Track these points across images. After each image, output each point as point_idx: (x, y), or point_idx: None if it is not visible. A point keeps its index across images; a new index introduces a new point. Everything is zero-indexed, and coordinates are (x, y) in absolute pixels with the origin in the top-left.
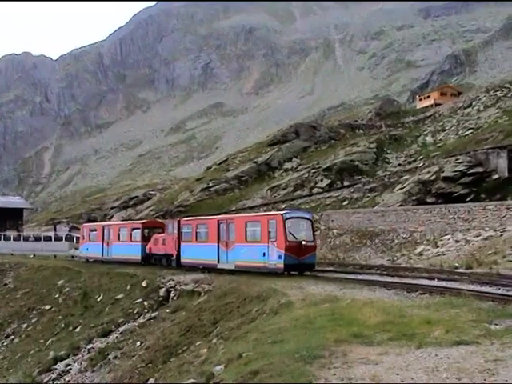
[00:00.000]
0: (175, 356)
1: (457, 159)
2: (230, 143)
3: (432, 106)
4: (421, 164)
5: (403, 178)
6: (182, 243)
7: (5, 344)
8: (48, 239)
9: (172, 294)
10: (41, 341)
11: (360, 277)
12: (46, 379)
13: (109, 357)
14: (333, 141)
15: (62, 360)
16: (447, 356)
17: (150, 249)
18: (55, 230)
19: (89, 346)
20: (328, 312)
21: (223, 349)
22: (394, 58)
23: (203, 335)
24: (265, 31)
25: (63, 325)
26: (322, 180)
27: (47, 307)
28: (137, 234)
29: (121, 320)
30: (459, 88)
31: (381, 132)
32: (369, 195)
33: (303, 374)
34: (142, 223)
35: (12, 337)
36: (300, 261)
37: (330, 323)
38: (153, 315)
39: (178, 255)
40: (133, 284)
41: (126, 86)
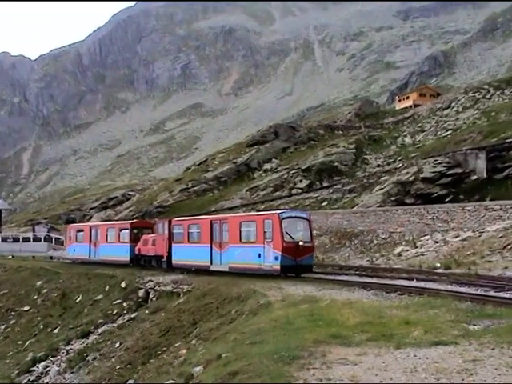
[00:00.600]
0: (154, 357)
1: (435, 160)
2: (209, 144)
3: (411, 107)
4: (400, 165)
5: (382, 179)
6: (174, 244)
7: None
8: (27, 240)
9: (151, 295)
10: (19, 342)
11: (339, 277)
12: (25, 381)
13: (88, 358)
14: (312, 141)
15: (41, 361)
16: (426, 356)
17: (140, 250)
18: (34, 231)
19: (68, 347)
20: (307, 313)
21: (202, 350)
22: (373, 59)
23: (182, 336)
24: (244, 32)
25: (42, 326)
26: (302, 181)
27: (26, 308)
28: (125, 235)
29: (100, 321)
30: (438, 89)
31: (360, 133)
32: (348, 196)
33: (282, 375)
34: (131, 223)
35: None
36: (297, 262)
37: (309, 324)
38: (132, 316)
39: (169, 256)
40: (112, 285)
41: (105, 87)
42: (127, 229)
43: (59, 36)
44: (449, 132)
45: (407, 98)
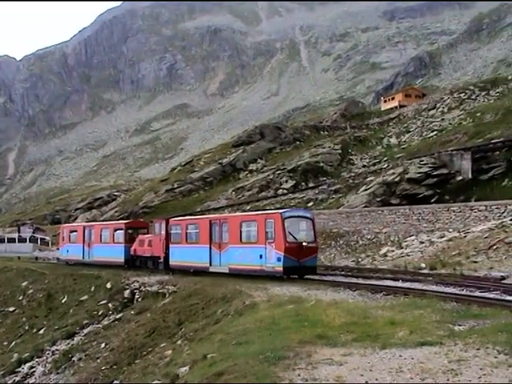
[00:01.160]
0: (140, 357)
1: (421, 161)
2: (195, 144)
3: (396, 108)
4: (385, 165)
5: (368, 180)
6: (171, 245)
7: None
8: (12, 241)
9: (137, 296)
10: (4, 343)
11: (325, 278)
12: (10, 382)
13: (73, 359)
14: (298, 142)
15: (26, 362)
16: (411, 357)
17: (135, 250)
18: (19, 232)
19: (53, 348)
20: (292, 313)
21: (188, 350)
22: (359, 60)
23: (168, 336)
24: (230, 32)
25: (27, 327)
26: (287, 181)
27: (11, 309)
28: (120, 235)
29: (85, 322)
30: (424, 90)
31: (345, 133)
32: (333, 196)
33: (268, 375)
34: (126, 223)
35: None
36: (300, 263)
37: (295, 324)
38: (117, 317)
39: (166, 257)
40: (97, 285)
41: (91, 87)
42: (122, 229)
43: (44, 36)
44: (434, 133)
45: (393, 99)
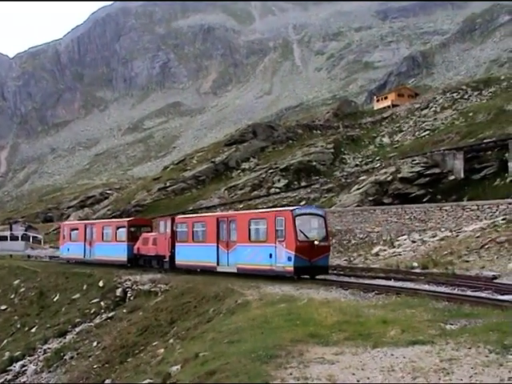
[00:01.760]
0: (132, 356)
1: (413, 160)
2: (188, 143)
3: (389, 107)
4: (378, 165)
5: (360, 179)
6: (177, 243)
7: None
8: (4, 239)
9: (129, 294)
10: None
11: (317, 277)
12: (2, 380)
13: (65, 357)
14: (290, 141)
15: (18, 361)
16: (403, 355)
17: (139, 249)
18: (11, 230)
19: (45, 347)
20: (285, 312)
21: (180, 349)
22: (352, 59)
23: (160, 335)
24: (223, 31)
25: (19, 325)
26: (280, 180)
27: (3, 307)
28: (122, 233)
29: (77, 320)
30: (416, 89)
31: (338, 133)
32: (326, 195)
33: (260, 374)
34: (128, 221)
35: None
36: (312, 263)
37: (287, 323)
38: (109, 315)
39: (172, 256)
40: (89, 284)
41: (84, 85)
42: (124, 227)
43: (37, 34)
44: (427, 132)
45: (385, 98)
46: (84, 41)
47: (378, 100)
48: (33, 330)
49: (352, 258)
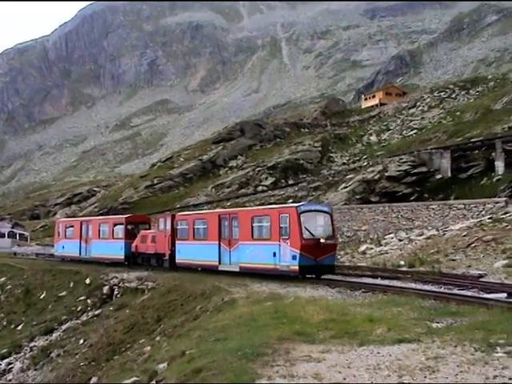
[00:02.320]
0: (118, 354)
1: (401, 159)
2: (175, 140)
3: (377, 106)
4: (365, 163)
5: (347, 177)
6: (177, 241)
7: None
8: None
9: (116, 292)
10: None
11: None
12: None
13: (51, 355)
14: (278, 139)
15: (4, 358)
16: (389, 354)
17: (137, 247)
18: None
19: (31, 344)
20: (271, 310)
21: (166, 346)
22: (340, 58)
23: (147, 333)
24: (211, 29)
25: (5, 323)
26: (267, 178)
27: None
28: (119, 230)
29: (64, 318)
30: (404, 88)
31: (326, 131)
32: (313, 194)
33: (246, 372)
34: (126, 217)
35: None
36: (318, 262)
37: (274, 321)
38: (96, 313)
39: (172, 255)
40: (76, 281)
41: (71, 82)
42: (122, 224)
43: (25, 30)
44: (414, 131)
45: (373, 97)
46: (72, 37)
47: (366, 99)
48: (19, 328)
49: (339, 256)
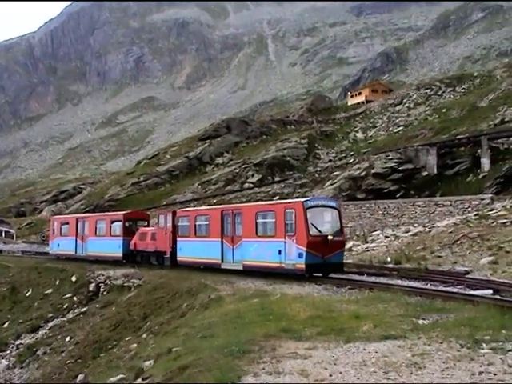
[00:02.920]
0: (105, 351)
1: (387, 156)
2: (162, 137)
3: (363, 103)
4: (351, 160)
5: (334, 174)
6: (179, 238)
7: None
8: None
9: (102, 289)
10: None
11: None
12: None
13: (38, 353)
14: (264, 136)
15: None
16: (375, 350)
17: (135, 245)
18: None
19: (17, 342)
20: (258, 307)
21: (153, 344)
22: (326, 55)
23: (133, 330)
24: (198, 26)
25: None
26: (253, 175)
27: None
28: (117, 227)
29: (50, 315)
30: (390, 85)
31: (312, 128)
32: (300, 191)
33: (232, 369)
34: (124, 214)
35: None
36: (325, 260)
37: (260, 318)
38: (82, 310)
39: (173, 253)
40: (62, 279)
41: (57, 79)
42: (120, 220)
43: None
44: (400, 128)
45: (359, 94)
46: (58, 34)
47: (352, 96)
48: (5, 326)
49: None
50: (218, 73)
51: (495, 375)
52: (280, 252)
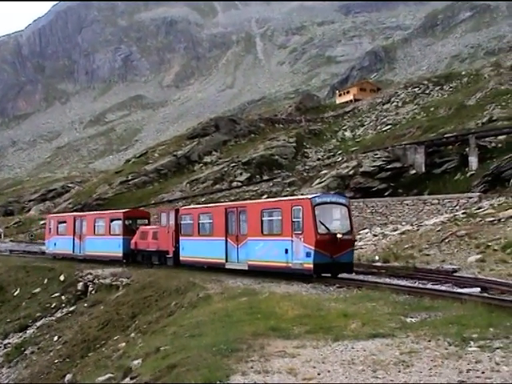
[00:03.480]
0: (93, 350)
1: (375, 154)
2: (150, 136)
3: (351, 102)
4: (339, 159)
5: (322, 173)
6: (181, 237)
7: None
8: None
9: (90, 288)
10: None
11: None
12: None
13: (25, 352)
14: (253, 135)
15: None
16: (363, 349)
17: (136, 244)
18: None
19: (5, 342)
20: (246, 305)
21: (141, 343)
22: (315, 54)
23: (121, 329)
24: (186, 24)
25: None
26: (242, 174)
27: None
28: (117, 226)
29: (38, 314)
30: (378, 84)
31: (300, 126)
32: (288, 189)
33: (221, 368)
34: (124, 212)
35: None
36: (334, 259)
37: (248, 317)
38: (70, 309)
39: (176, 252)
40: (50, 278)
41: (45, 77)
42: (119, 219)
43: None
44: (388, 126)
45: (348, 93)
46: (46, 33)
47: (341, 94)
48: None
49: None
50: (207, 71)
51: (483, 373)
52: (287, 251)
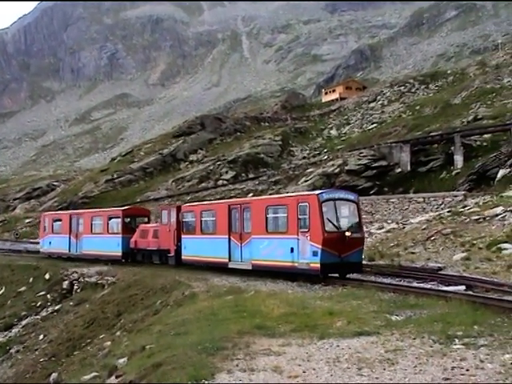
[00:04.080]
0: (79, 349)
1: (361, 153)
2: (136, 134)
3: (337, 100)
4: (325, 157)
5: (308, 171)
6: (183, 236)
7: None
8: None
9: (75, 287)
10: None
11: None
12: None
13: (11, 351)
14: (238, 133)
15: None
16: (348, 346)
17: (136, 243)
18: None
19: None
20: (232, 304)
21: (127, 341)
22: (301, 52)
23: (107, 328)
24: (172, 22)
25: None
26: (227, 172)
27: None
28: (115, 224)
29: (23, 313)
30: (364, 82)
31: (286, 125)
32: (274, 187)
33: (206, 366)
34: (123, 210)
35: None
36: (342, 259)
37: (234, 315)
38: (56, 308)
39: (178, 251)
40: (35, 276)
41: (30, 75)
42: (118, 217)
43: None
44: (374, 125)
45: (333, 91)
46: (31, 30)
47: (326, 93)
48: None
49: None
50: (192, 70)
51: (467, 370)
52: (292, 250)
